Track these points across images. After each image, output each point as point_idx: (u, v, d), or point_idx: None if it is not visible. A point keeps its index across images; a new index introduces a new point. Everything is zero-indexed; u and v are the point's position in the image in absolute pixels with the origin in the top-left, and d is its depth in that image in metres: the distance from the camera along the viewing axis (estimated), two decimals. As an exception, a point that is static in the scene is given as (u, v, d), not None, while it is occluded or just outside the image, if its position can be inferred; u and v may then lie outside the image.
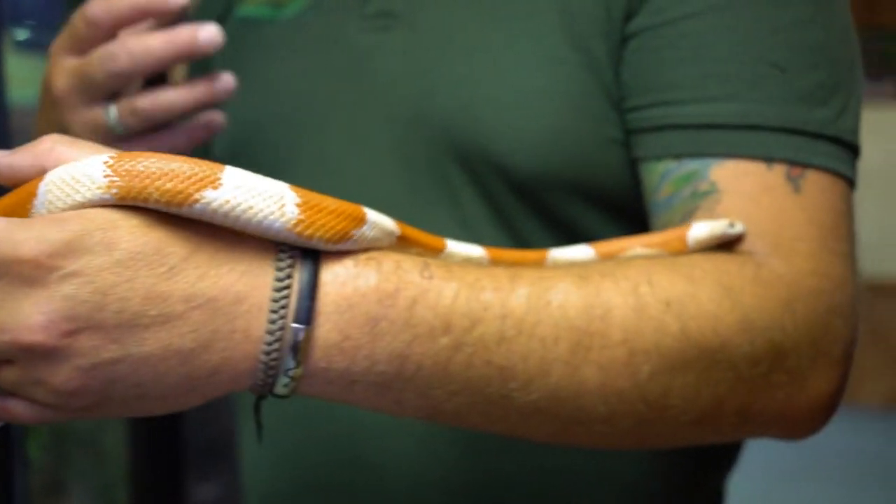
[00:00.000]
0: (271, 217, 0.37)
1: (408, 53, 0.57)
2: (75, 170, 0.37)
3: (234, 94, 0.56)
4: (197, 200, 0.36)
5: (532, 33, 0.54)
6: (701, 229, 0.46)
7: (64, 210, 0.36)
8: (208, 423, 1.55)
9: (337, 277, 0.38)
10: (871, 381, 3.97)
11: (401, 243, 0.42)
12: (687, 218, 0.48)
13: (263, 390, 0.38)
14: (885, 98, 3.82)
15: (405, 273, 0.39)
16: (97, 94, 0.53)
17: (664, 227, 0.50)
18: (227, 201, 0.37)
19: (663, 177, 0.50)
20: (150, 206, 0.36)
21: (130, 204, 0.36)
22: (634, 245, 0.47)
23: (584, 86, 0.53)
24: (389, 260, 0.40)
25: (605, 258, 0.47)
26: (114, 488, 1.42)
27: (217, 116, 0.56)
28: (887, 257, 3.86)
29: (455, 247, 0.46)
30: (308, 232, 0.37)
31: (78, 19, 0.53)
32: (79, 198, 0.36)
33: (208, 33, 0.53)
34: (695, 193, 0.48)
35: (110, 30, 0.53)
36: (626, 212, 0.55)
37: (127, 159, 0.37)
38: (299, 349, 0.37)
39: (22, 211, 0.37)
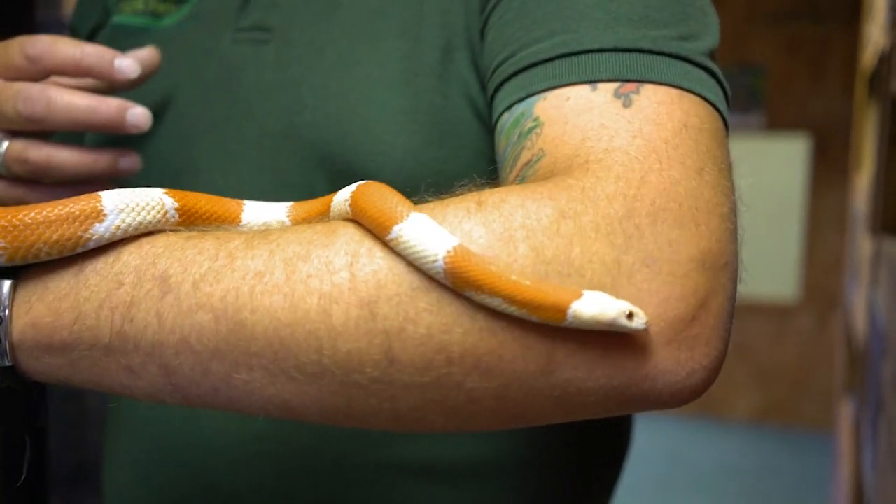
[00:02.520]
0: (159, 224, 0.39)
1: (280, 67, 0.55)
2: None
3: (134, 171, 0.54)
4: (89, 238, 0.38)
5: (399, 50, 0.53)
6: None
7: None
8: (73, 448, 1.47)
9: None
10: (739, 397, 4.16)
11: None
12: (516, 164, 0.43)
13: None
14: (751, 129, 4.05)
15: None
16: None
17: (504, 183, 0.45)
18: (118, 227, 0.38)
19: (500, 133, 0.46)
20: (44, 259, 0.38)
21: (21, 264, 0.37)
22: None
23: (449, 101, 0.52)
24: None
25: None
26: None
27: (131, 163, 0.55)
28: (755, 278, 4.07)
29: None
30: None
31: (16, 46, 0.50)
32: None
33: (138, 117, 0.51)
34: (521, 134, 0.44)
35: (45, 72, 0.50)
36: None
37: (4, 221, 0.37)
38: (3, 304, 0.38)
39: None
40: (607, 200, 0.36)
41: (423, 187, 0.41)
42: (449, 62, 0.52)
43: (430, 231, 0.35)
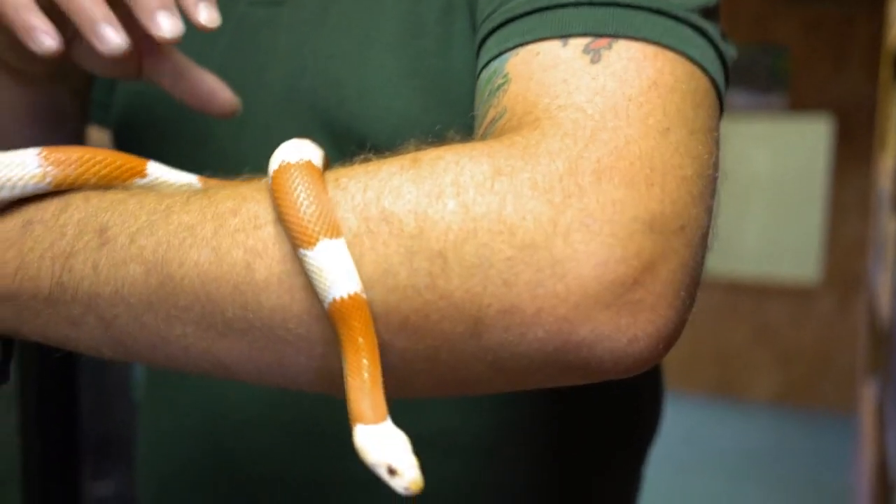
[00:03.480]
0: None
1: (291, 30, 0.54)
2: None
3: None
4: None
5: (398, 10, 0.51)
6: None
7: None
8: (102, 418, 1.50)
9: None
10: (760, 378, 4.16)
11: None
12: (483, 122, 0.42)
13: None
14: (772, 110, 4.01)
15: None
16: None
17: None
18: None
19: (476, 91, 0.44)
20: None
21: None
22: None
23: (450, 64, 0.50)
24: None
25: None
26: (4, 486, 1.35)
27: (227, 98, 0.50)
28: (775, 260, 4.05)
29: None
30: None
31: None
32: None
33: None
34: (490, 92, 0.42)
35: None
36: None
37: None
38: None
39: None
40: (549, 157, 0.34)
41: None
42: (449, 23, 0.50)
43: (332, 267, 0.34)
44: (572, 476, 0.60)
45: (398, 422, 0.46)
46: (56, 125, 0.55)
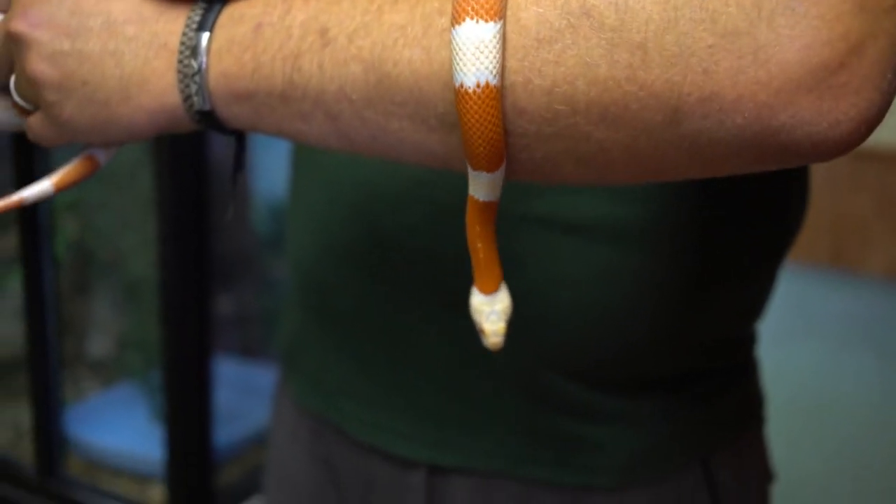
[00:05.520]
0: None
1: None
2: None
3: None
4: None
5: None
6: None
7: None
8: (226, 240, 1.61)
9: (236, 4, 0.44)
10: (877, 250, 4.01)
11: None
12: None
13: (188, 105, 0.44)
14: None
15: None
16: None
17: None
18: None
19: None
20: None
21: None
22: None
23: None
24: None
25: None
26: (137, 288, 1.49)
27: None
28: (904, 129, 3.82)
29: None
30: None
31: None
32: None
33: None
34: None
35: None
36: None
37: None
38: (198, 52, 0.43)
39: None
40: None
41: None
42: None
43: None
44: (713, 273, 0.61)
45: (554, 204, 0.55)
46: None
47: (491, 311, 0.41)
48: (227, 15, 0.44)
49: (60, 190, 0.49)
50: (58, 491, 1.44)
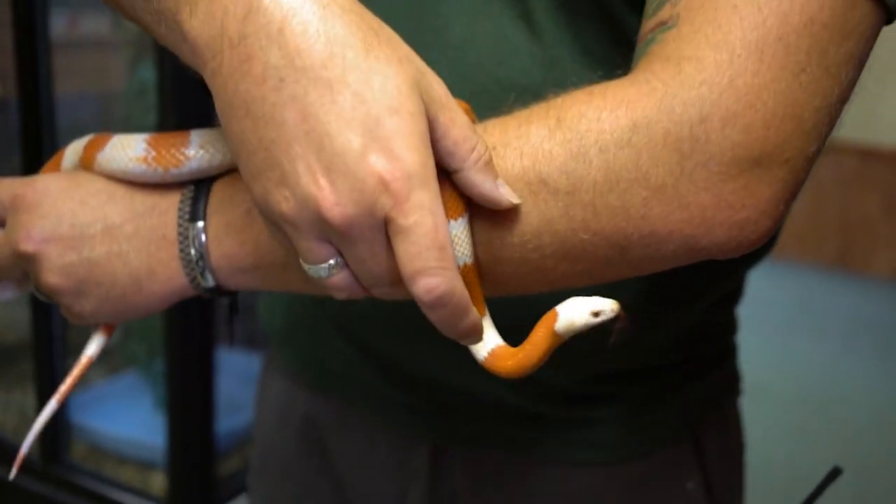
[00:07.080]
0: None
1: None
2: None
3: None
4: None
5: None
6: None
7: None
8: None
9: (223, 187, 0.48)
10: (883, 251, 4.00)
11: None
12: (654, 17, 0.44)
13: (195, 285, 0.48)
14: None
15: None
16: None
17: (639, 29, 0.45)
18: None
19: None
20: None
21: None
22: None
23: None
24: None
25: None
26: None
27: None
28: (914, 130, 3.80)
29: None
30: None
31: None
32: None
33: None
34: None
35: None
36: None
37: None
38: (197, 241, 0.47)
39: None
40: (684, 107, 0.40)
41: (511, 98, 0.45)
42: None
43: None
44: (700, 269, 0.62)
45: None
46: None
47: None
48: (218, 200, 0.47)
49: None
50: (62, 477, 1.46)
